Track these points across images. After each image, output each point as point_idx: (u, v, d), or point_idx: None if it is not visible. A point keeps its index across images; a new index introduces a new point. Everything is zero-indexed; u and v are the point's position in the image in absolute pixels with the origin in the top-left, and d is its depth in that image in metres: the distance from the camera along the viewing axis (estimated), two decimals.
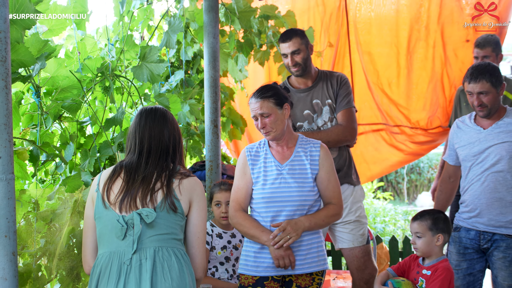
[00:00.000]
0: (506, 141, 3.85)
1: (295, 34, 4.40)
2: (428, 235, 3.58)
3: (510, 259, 3.88)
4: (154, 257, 2.75)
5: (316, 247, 3.59)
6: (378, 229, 7.72)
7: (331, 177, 3.61)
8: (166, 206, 2.81)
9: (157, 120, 2.99)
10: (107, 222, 2.83)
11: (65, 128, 4.05)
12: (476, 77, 3.84)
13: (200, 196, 2.95)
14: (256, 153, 3.64)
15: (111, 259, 2.78)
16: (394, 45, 6.15)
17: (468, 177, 4.03)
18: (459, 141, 4.09)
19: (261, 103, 3.49)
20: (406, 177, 13.39)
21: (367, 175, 6.72)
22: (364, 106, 6.39)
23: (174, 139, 3.01)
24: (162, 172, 2.90)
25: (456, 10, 5.90)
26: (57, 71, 3.57)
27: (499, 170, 3.87)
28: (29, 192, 3.46)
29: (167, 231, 2.81)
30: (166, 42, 4.46)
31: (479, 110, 3.91)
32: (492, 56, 4.91)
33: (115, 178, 2.90)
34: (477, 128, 3.99)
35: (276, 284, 3.55)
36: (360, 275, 4.40)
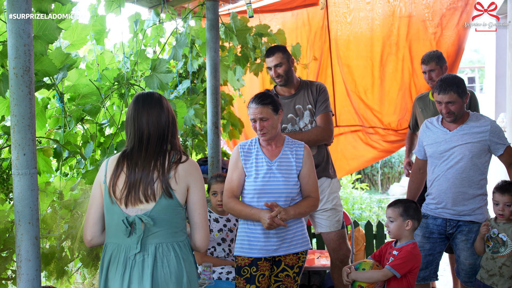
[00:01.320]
0: (469, 142, 3.82)
1: (278, 50, 4.34)
2: (399, 220, 3.54)
3: (471, 241, 3.88)
4: (155, 253, 2.61)
5: (301, 232, 3.59)
6: (356, 215, 7.65)
7: (311, 173, 3.58)
8: (164, 195, 2.62)
9: (153, 105, 2.70)
10: (114, 217, 2.66)
11: (86, 129, 3.97)
12: (445, 89, 3.79)
13: (197, 178, 2.72)
14: (248, 150, 3.57)
15: (119, 250, 2.64)
16: (369, 59, 6.09)
17: (435, 173, 4.00)
18: (427, 140, 4.06)
19: (261, 109, 3.43)
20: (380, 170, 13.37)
21: (346, 169, 6.68)
22: (343, 110, 6.36)
23: (168, 121, 2.72)
24: (158, 159, 2.66)
25: (422, 29, 5.84)
26: (78, 80, 3.49)
27: (462, 168, 3.84)
28: (53, 184, 3.38)
29: (167, 226, 2.65)
30: (173, 56, 4.37)
31: (447, 116, 3.87)
32: (437, 69, 4.81)
33: (119, 173, 2.66)
34: (444, 130, 3.95)
35: (268, 263, 3.51)
36: (335, 255, 4.37)
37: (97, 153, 4.18)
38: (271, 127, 3.45)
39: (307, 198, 3.56)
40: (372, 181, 13.55)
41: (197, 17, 4.96)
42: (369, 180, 13.53)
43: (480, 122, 3.88)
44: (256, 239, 3.48)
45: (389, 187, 13.38)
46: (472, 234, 3.88)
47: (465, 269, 3.96)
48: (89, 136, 3.81)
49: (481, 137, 3.82)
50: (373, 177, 13.54)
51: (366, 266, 3.54)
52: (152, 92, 2.80)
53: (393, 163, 13.56)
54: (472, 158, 3.81)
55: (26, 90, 2.49)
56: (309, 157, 3.59)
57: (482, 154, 3.85)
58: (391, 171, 13.63)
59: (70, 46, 3.53)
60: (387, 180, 13.75)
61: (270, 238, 3.46)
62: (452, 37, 5.68)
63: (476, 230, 3.87)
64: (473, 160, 3.82)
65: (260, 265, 3.48)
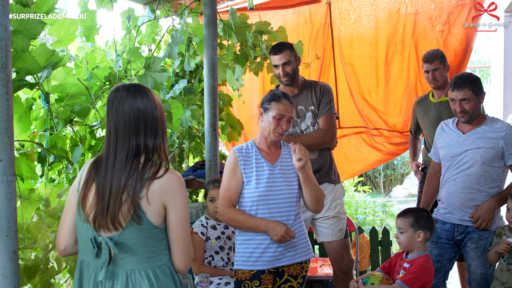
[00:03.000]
0: (481, 147, 3.65)
1: (286, 47, 4.11)
2: (410, 231, 3.35)
3: (482, 249, 3.70)
4: (126, 280, 2.31)
5: (304, 237, 3.38)
6: (360, 219, 7.43)
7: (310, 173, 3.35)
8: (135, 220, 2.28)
9: (126, 95, 2.27)
10: (83, 234, 2.36)
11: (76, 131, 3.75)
12: (459, 86, 3.63)
13: (176, 196, 2.34)
14: (246, 154, 3.33)
15: (89, 271, 2.36)
16: (374, 58, 5.87)
17: (445, 176, 3.85)
18: (441, 142, 3.91)
19: (292, 109, 3.28)
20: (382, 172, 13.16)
21: (350, 172, 6.45)
22: (347, 111, 6.15)
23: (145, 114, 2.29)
24: (129, 178, 2.28)
25: (428, 27, 5.61)
26: (65, 79, 3.26)
27: (473, 173, 3.67)
28: (38, 191, 3.14)
29: (140, 251, 2.33)
30: (169, 53, 4.14)
31: (461, 116, 3.70)
32: (440, 68, 4.63)
33: (90, 185, 2.34)
34: (458, 132, 3.80)
35: (271, 276, 3.29)
36: (338, 266, 4.18)
37: (88, 157, 3.96)
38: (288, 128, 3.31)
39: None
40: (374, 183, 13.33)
41: (194, 13, 4.72)
42: (371, 183, 13.31)
43: (496, 127, 3.69)
44: (259, 250, 3.25)
45: (392, 189, 13.18)
46: (483, 241, 3.70)
47: (476, 279, 3.78)
48: (78, 139, 3.58)
49: (494, 142, 3.63)
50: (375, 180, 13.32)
51: (375, 281, 3.34)
52: (133, 83, 2.37)
53: (395, 165, 13.34)
54: (483, 164, 3.64)
55: (2, 90, 2.27)
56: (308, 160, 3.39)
57: (495, 161, 3.65)
58: (393, 173, 13.41)
59: (56, 42, 3.30)
60: (389, 183, 13.53)
61: (274, 248, 3.23)
62: (460, 35, 5.46)
63: (486, 238, 3.69)
64: (484, 166, 3.64)
65: (264, 279, 3.25)
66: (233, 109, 6.00)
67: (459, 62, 5.49)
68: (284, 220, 3.23)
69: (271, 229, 3.15)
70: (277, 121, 3.23)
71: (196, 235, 4.01)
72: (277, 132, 3.25)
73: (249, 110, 6.32)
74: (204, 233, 4.02)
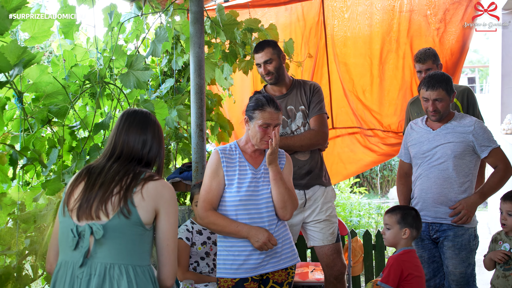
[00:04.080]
0: (452, 141, 3.68)
1: (268, 45, 3.99)
2: (396, 228, 3.30)
3: (459, 246, 3.65)
4: (104, 274, 2.21)
5: (289, 242, 3.24)
6: (354, 222, 7.28)
7: (290, 183, 3.26)
8: (123, 212, 2.26)
9: (135, 125, 2.48)
10: (64, 230, 2.32)
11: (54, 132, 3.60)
12: (433, 85, 3.63)
13: (169, 202, 2.37)
14: (230, 155, 3.19)
15: (65, 268, 2.27)
16: (368, 56, 5.71)
17: (417, 172, 3.84)
18: (411, 140, 3.91)
19: (279, 115, 3.14)
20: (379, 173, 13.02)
21: (344, 173, 6.30)
22: (340, 111, 5.99)
23: (151, 147, 2.49)
24: (125, 175, 2.35)
25: (424, 25, 5.45)
26: (39, 78, 3.10)
27: (445, 168, 3.67)
28: (9, 195, 2.99)
29: (123, 244, 2.26)
30: (152, 51, 4.00)
31: (432, 115, 3.71)
32: (433, 68, 4.47)
33: (78, 182, 2.38)
34: (427, 129, 3.82)
35: (255, 284, 3.15)
36: (329, 271, 4.04)
37: (68, 158, 3.82)
38: None
39: None
40: (372, 184, 13.18)
41: (179, 9, 4.57)
42: (368, 184, 13.16)
43: (464, 122, 3.71)
44: (241, 257, 3.10)
45: (389, 190, 13.04)
46: (459, 238, 3.64)
47: (456, 279, 3.68)
48: (56, 140, 3.44)
49: (464, 137, 3.66)
50: (372, 180, 13.18)
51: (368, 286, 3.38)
52: (140, 110, 2.56)
53: (393, 165, 13.19)
54: (454, 158, 3.66)
55: None
56: (289, 167, 3.30)
57: (465, 154, 3.67)
58: (390, 174, 13.26)
59: (30, 39, 3.14)
60: (386, 183, 13.39)
61: (258, 254, 3.09)
62: (457, 33, 5.31)
63: (462, 234, 3.64)
64: (455, 160, 3.65)
65: (247, 287, 3.11)
66: (223, 109, 5.86)
67: (456, 60, 5.35)
68: (266, 225, 3.10)
69: (252, 235, 3.01)
70: (263, 130, 3.10)
71: (181, 240, 3.87)
72: (265, 140, 3.12)
73: (240, 110, 6.16)
74: (189, 238, 3.89)
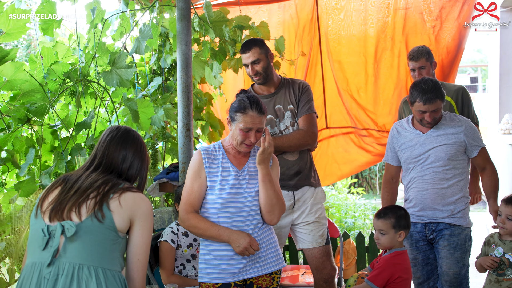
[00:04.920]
0: (444, 144, 3.63)
1: (254, 44, 3.86)
2: (391, 232, 3.24)
3: (454, 245, 3.59)
4: (72, 274, 2.13)
5: (274, 247, 3.12)
6: (349, 223, 7.16)
7: (277, 183, 3.13)
8: (97, 216, 2.21)
9: (116, 140, 2.49)
10: (34, 231, 2.25)
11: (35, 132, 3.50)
12: (430, 99, 3.53)
13: (145, 215, 2.34)
14: (213, 156, 3.08)
15: (32, 270, 2.18)
16: (362, 55, 5.59)
17: (411, 175, 3.75)
18: (399, 144, 3.81)
19: (261, 119, 2.98)
20: (378, 173, 12.89)
21: (338, 174, 6.17)
22: (334, 110, 5.87)
23: (132, 163, 2.48)
24: (103, 184, 2.32)
25: (420, 22, 5.34)
26: (14, 75, 3.00)
27: (440, 168, 3.64)
28: None
29: (94, 246, 2.19)
30: (136, 49, 3.89)
31: (429, 123, 3.63)
32: (427, 66, 4.38)
33: (54, 188, 2.34)
34: (417, 132, 3.73)
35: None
36: (319, 274, 3.92)
37: (49, 158, 3.72)
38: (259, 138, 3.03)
39: None
40: (370, 184, 13.07)
41: (166, 5, 4.46)
42: (367, 184, 13.05)
43: (454, 123, 3.66)
44: (223, 261, 2.99)
45: None
46: (455, 238, 3.58)
47: (449, 280, 3.60)
48: (34, 140, 3.34)
49: (456, 137, 3.62)
50: (371, 181, 13.06)
51: (351, 281, 3.34)
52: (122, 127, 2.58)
53: None
54: (448, 160, 3.63)
55: None
56: (276, 168, 3.17)
57: (459, 155, 3.65)
58: None
59: (5, 35, 3.04)
60: None
61: (240, 258, 2.98)
62: (453, 30, 5.19)
63: (458, 234, 3.58)
64: (449, 162, 3.61)
65: None
66: (215, 108, 5.75)
67: (452, 59, 5.23)
68: (249, 229, 2.98)
69: (233, 240, 2.90)
70: (244, 134, 2.98)
71: (166, 243, 3.78)
72: (246, 144, 3.01)
73: None
74: (174, 241, 3.79)
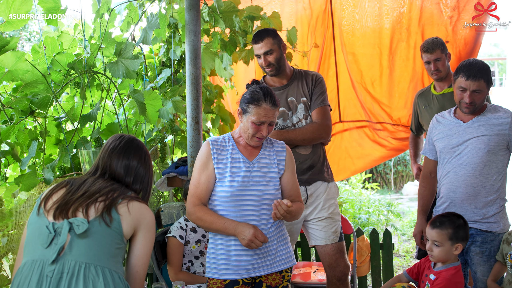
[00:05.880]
0: (485, 134, 3.30)
1: (267, 35, 3.74)
2: (447, 245, 3.00)
3: (487, 253, 3.32)
4: (78, 273, 2.03)
5: (284, 244, 3.00)
6: (363, 219, 7.02)
7: (295, 178, 3.05)
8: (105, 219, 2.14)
9: (118, 150, 2.46)
10: (35, 229, 2.15)
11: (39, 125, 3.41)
12: (475, 75, 3.25)
13: (149, 226, 2.30)
14: (222, 147, 2.97)
15: (32, 268, 2.07)
16: (377, 46, 5.45)
17: (445, 169, 3.47)
18: (437, 134, 3.53)
19: (275, 112, 2.88)
20: (393, 168, 12.73)
21: (352, 169, 6.05)
22: (348, 104, 5.74)
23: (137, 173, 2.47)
24: (112, 191, 2.26)
25: (436, 13, 5.18)
26: (15, 65, 2.89)
27: (476, 163, 3.30)
28: None
29: (101, 247, 2.11)
30: (143, 39, 3.79)
31: (466, 106, 3.34)
32: (442, 58, 4.26)
33: (58, 189, 2.28)
34: (457, 121, 3.44)
35: (247, 287, 2.92)
36: (332, 272, 3.79)
37: (55, 152, 3.63)
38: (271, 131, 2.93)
39: (295, 202, 2.96)
40: (385, 179, 12.90)
41: None
42: (382, 179, 12.88)
43: (499, 114, 3.35)
44: (231, 257, 2.89)
45: (403, 186, 12.76)
46: (488, 245, 3.32)
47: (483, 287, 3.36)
48: (38, 133, 3.24)
49: (499, 130, 3.30)
50: (386, 176, 12.89)
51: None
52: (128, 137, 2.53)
53: (407, 160, 12.89)
54: (487, 153, 3.30)
55: None
56: (292, 159, 3.05)
57: (500, 149, 3.32)
58: (405, 169, 12.97)
59: (5, 24, 2.94)
60: (400, 179, 13.09)
61: (249, 255, 2.87)
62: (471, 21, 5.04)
63: (491, 241, 3.32)
64: (488, 155, 3.29)
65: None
66: (226, 101, 5.64)
67: (469, 51, 5.07)
68: (261, 224, 2.86)
69: (239, 232, 2.79)
70: (256, 127, 2.87)
71: (174, 238, 3.68)
72: (257, 137, 2.90)
73: None
74: (183, 237, 3.69)
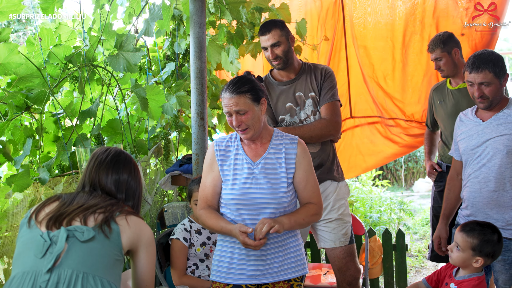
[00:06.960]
0: (504, 134, 3.08)
1: (275, 26, 3.56)
2: (467, 253, 2.80)
3: (509, 261, 3.11)
4: (75, 282, 1.88)
5: (294, 251, 2.80)
6: (374, 218, 6.83)
7: (310, 176, 2.79)
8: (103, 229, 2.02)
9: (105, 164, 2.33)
10: (27, 241, 2.00)
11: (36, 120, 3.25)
12: (478, 67, 3.05)
13: (150, 241, 2.20)
14: (226, 147, 2.80)
15: (23, 280, 1.90)
16: (390, 39, 5.25)
17: (466, 172, 3.27)
18: (460, 134, 3.33)
19: (237, 99, 2.64)
20: (404, 165, 12.51)
21: (363, 166, 5.85)
22: (359, 99, 5.55)
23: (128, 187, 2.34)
24: (109, 205, 2.14)
25: (451, 4, 4.99)
26: (8, 58, 2.73)
27: (495, 166, 3.09)
28: None
29: (100, 257, 1.97)
30: (145, 31, 3.62)
31: (480, 101, 3.12)
32: (443, 57, 4.15)
33: (50, 202, 2.14)
34: (477, 121, 3.23)
35: None
36: (342, 276, 3.63)
37: (53, 149, 3.47)
38: (252, 121, 2.67)
39: (306, 205, 2.78)
40: (396, 176, 12.69)
41: None
42: (392, 176, 12.67)
43: None
44: (236, 261, 2.74)
45: (414, 183, 12.55)
46: (510, 253, 3.11)
47: None
48: (34, 129, 3.09)
49: None
50: (397, 172, 12.68)
51: None
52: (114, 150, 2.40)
53: (418, 157, 12.68)
54: (507, 155, 3.07)
55: None
56: (305, 156, 2.80)
57: None
58: (416, 165, 12.75)
59: None
60: (411, 176, 12.88)
61: (253, 260, 2.71)
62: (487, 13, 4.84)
63: None
64: (508, 157, 3.07)
65: None
66: None
67: (486, 43, 4.88)
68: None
69: (235, 234, 2.62)
70: (229, 119, 2.71)
71: (178, 241, 3.52)
72: (239, 129, 2.71)
73: None
74: (187, 239, 3.54)
